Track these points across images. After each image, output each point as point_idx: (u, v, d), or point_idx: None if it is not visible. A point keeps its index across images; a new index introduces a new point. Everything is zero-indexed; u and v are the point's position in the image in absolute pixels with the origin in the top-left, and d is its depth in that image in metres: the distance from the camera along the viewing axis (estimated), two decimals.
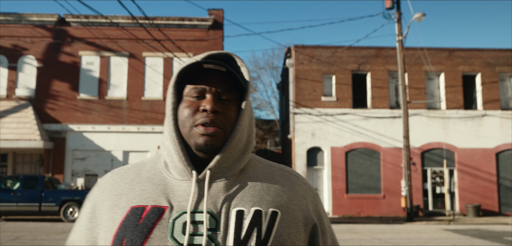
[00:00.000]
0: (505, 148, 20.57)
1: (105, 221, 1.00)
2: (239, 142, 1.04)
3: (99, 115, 20.14)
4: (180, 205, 0.97)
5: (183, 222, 0.95)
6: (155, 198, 0.99)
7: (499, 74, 21.32)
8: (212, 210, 0.97)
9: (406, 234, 12.70)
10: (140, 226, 0.94)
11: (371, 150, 20.55)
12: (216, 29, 21.14)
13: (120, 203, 1.01)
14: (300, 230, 1.01)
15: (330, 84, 21.20)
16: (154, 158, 1.12)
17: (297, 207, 1.03)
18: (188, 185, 1.00)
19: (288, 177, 1.09)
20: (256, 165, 1.10)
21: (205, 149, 1.00)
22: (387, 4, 18.76)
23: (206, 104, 1.00)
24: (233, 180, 1.02)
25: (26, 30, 20.41)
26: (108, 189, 1.05)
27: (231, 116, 1.03)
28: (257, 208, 0.98)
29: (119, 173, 1.09)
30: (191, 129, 1.01)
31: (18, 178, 15.53)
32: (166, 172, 1.04)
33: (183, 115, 1.02)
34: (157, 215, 0.95)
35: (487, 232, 13.30)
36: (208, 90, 1.02)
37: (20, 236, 10.43)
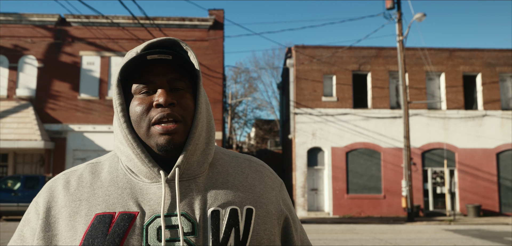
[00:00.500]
0: (506, 148, 20.57)
1: (64, 231, 0.90)
2: (202, 132, 0.97)
3: (100, 115, 20.14)
4: (152, 209, 0.90)
5: (156, 228, 0.88)
6: (122, 203, 0.91)
7: (500, 74, 21.31)
8: (187, 212, 0.91)
9: (407, 234, 12.70)
10: (110, 235, 0.86)
11: (371, 150, 20.55)
12: (217, 29, 21.15)
13: (81, 210, 0.91)
14: (274, 223, 0.99)
15: (331, 84, 21.21)
16: (112, 156, 1.03)
17: (269, 200, 1.00)
18: (157, 187, 0.93)
19: (256, 168, 1.05)
20: (223, 158, 1.05)
21: (169, 148, 0.92)
22: (388, 4, 18.76)
23: (159, 97, 0.92)
24: (203, 177, 0.97)
25: (27, 30, 20.42)
26: (62, 194, 0.95)
27: (189, 105, 0.95)
28: (233, 207, 0.93)
29: (74, 175, 0.99)
30: (149, 129, 0.92)
31: (19, 178, 15.54)
32: (130, 174, 0.96)
33: (136, 114, 0.94)
34: (128, 222, 0.88)
35: (488, 232, 13.29)
36: (157, 82, 0.94)
37: None
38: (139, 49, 0.97)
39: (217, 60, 20.97)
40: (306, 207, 20.16)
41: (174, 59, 0.94)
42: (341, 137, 20.51)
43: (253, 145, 43.76)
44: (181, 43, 1.00)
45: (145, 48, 0.97)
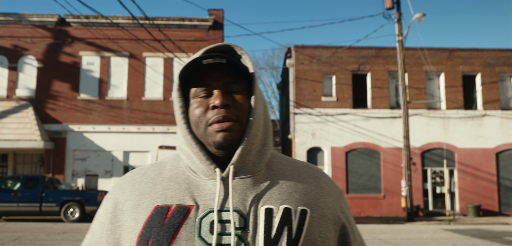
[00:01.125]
0: (505, 148, 20.59)
1: (127, 222, 0.97)
2: (258, 132, 1.01)
3: (100, 115, 20.15)
4: (206, 204, 0.95)
5: (210, 222, 0.92)
6: (179, 197, 0.96)
7: (499, 74, 21.33)
8: (240, 208, 0.94)
9: (407, 234, 12.71)
10: (165, 225, 0.92)
11: (371, 150, 20.56)
12: (216, 29, 21.15)
13: (143, 202, 0.98)
14: (330, 228, 0.99)
15: (330, 84, 21.21)
16: (174, 157, 1.09)
17: (325, 205, 1.01)
18: (213, 184, 0.97)
19: (313, 174, 1.07)
20: (280, 162, 1.07)
21: (225, 145, 0.96)
22: (387, 4, 18.77)
23: (215, 100, 0.97)
24: (259, 177, 1.00)
25: (27, 30, 20.42)
26: (128, 189, 1.02)
27: (244, 106, 1.00)
28: (286, 206, 0.95)
29: (139, 172, 1.06)
30: (206, 129, 0.98)
31: (19, 178, 15.54)
32: (189, 171, 1.02)
33: (194, 116, 1.00)
34: (183, 215, 0.93)
35: (487, 232, 13.31)
36: (214, 85, 0.99)
37: (20, 237, 10.43)
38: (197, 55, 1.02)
39: None
40: None
41: (229, 62, 0.98)
42: (341, 137, 20.52)
43: None
44: (236, 48, 1.05)
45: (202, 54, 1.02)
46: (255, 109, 1.00)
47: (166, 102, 20.45)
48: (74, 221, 14.77)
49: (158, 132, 20.16)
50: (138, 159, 20.11)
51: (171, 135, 20.10)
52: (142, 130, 20.16)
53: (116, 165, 19.87)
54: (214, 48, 1.03)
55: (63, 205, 14.96)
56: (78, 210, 14.92)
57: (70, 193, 15.38)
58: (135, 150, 20.09)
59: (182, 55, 20.43)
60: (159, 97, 20.46)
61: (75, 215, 14.89)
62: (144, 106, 20.34)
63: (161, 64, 20.72)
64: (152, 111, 20.31)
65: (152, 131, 20.16)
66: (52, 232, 11.52)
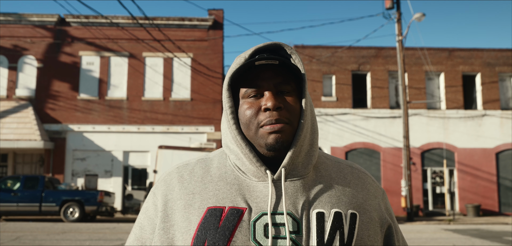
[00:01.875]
0: (505, 148, 20.58)
1: (180, 222, 0.96)
2: (307, 133, 1.00)
3: (99, 115, 20.15)
4: (258, 206, 0.94)
5: (263, 225, 0.92)
6: (232, 198, 0.96)
7: (499, 74, 21.33)
8: (292, 211, 0.94)
9: (406, 234, 12.71)
10: (221, 228, 0.91)
11: (371, 150, 20.57)
12: (216, 29, 21.15)
13: (194, 203, 0.97)
14: (377, 231, 1.00)
15: (330, 84, 21.22)
16: (220, 153, 1.08)
17: (372, 207, 1.02)
18: (264, 186, 0.97)
19: (358, 175, 1.07)
20: (325, 162, 1.07)
21: (276, 147, 0.95)
22: (387, 4, 18.77)
23: (267, 101, 0.96)
24: (308, 179, 0.99)
25: (26, 30, 20.42)
26: (178, 187, 1.01)
27: (295, 108, 0.99)
28: (337, 210, 0.95)
29: (186, 169, 1.05)
30: (257, 131, 0.97)
31: (19, 178, 15.54)
32: (238, 171, 1.01)
33: (245, 117, 0.99)
34: (237, 217, 0.93)
35: (487, 232, 13.30)
36: (265, 86, 0.98)
37: (20, 236, 10.43)
38: (247, 54, 1.01)
39: (217, 60, 20.98)
40: None
41: (280, 63, 0.98)
42: (341, 137, 20.52)
43: None
44: (286, 47, 1.04)
45: (252, 53, 1.01)
46: (305, 111, 1.00)
47: (165, 102, 20.46)
48: (73, 221, 14.77)
49: (158, 132, 20.16)
50: (138, 159, 20.11)
51: (171, 135, 20.10)
52: (142, 130, 20.16)
53: (116, 165, 19.88)
54: (265, 47, 1.02)
55: (63, 205, 14.96)
56: (78, 210, 14.92)
57: (70, 193, 15.38)
58: (135, 150, 20.09)
59: (182, 55, 20.44)
60: (159, 97, 20.46)
61: (74, 215, 14.89)
62: (144, 106, 20.34)
63: (161, 64, 20.72)
64: (152, 111, 20.31)
65: (152, 131, 20.16)
66: (52, 232, 11.52)
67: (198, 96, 20.54)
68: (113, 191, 18.70)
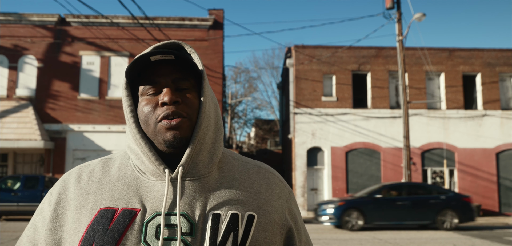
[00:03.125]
0: (505, 148, 20.58)
1: (70, 223, 0.93)
2: (208, 130, 0.99)
3: (100, 115, 20.15)
4: (154, 207, 0.92)
5: (156, 226, 0.90)
6: (126, 199, 0.93)
7: (499, 74, 21.32)
8: (188, 212, 0.91)
9: (406, 234, 12.71)
10: (110, 230, 0.88)
11: (371, 150, 20.56)
12: (217, 29, 21.16)
13: (88, 204, 0.94)
14: (276, 232, 0.98)
15: (331, 84, 21.21)
16: (124, 153, 1.05)
17: (273, 208, 1.00)
18: (162, 185, 0.94)
19: (264, 175, 1.06)
20: (231, 162, 1.05)
21: (175, 143, 0.93)
22: (387, 4, 18.76)
23: (164, 96, 0.94)
24: (208, 178, 0.97)
25: (27, 30, 20.43)
26: (73, 187, 0.98)
27: (194, 103, 0.97)
28: (234, 211, 0.94)
29: (87, 169, 1.02)
30: (156, 126, 0.95)
31: (19, 178, 15.54)
32: (138, 171, 0.98)
33: (143, 114, 0.96)
34: (128, 218, 0.90)
35: (488, 232, 13.31)
36: (163, 83, 0.96)
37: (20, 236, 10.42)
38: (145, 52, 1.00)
39: (217, 60, 20.98)
40: (306, 207, 20.17)
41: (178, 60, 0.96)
42: (341, 137, 20.52)
43: (253, 145, 43.75)
44: (185, 46, 1.03)
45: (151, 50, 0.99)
46: (205, 107, 0.98)
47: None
48: None
49: None
50: None
51: None
52: None
53: None
54: (162, 45, 1.01)
55: None
56: None
57: None
58: None
59: None
60: None
61: None
62: None
63: None
64: None
65: None
66: None
67: None
68: None
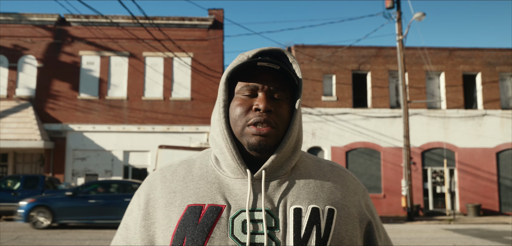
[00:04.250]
0: (506, 147, 20.56)
1: (161, 219, 0.99)
2: (292, 141, 1.03)
3: (100, 115, 20.15)
4: (237, 204, 0.97)
5: (241, 221, 0.95)
6: (211, 196, 0.98)
7: (500, 73, 21.30)
8: (270, 208, 0.96)
9: (407, 233, 12.70)
10: (200, 225, 0.94)
11: (371, 150, 20.55)
12: (217, 29, 21.14)
13: (175, 201, 1.00)
14: (356, 226, 1.01)
15: (331, 83, 21.20)
16: (203, 154, 1.11)
17: (351, 203, 1.03)
18: (243, 184, 0.99)
19: (338, 172, 1.09)
20: (305, 161, 1.09)
21: (258, 149, 0.98)
22: (387, 4, 18.74)
23: (259, 102, 0.98)
24: (286, 178, 1.02)
25: (27, 30, 20.43)
26: (160, 187, 1.04)
27: (284, 115, 1.01)
28: (314, 205, 0.98)
29: (169, 170, 1.08)
30: (244, 128, 0.99)
31: (19, 178, 15.55)
32: (218, 169, 1.04)
33: (235, 113, 1.01)
34: (215, 214, 0.95)
35: (488, 232, 13.29)
36: (260, 88, 1.00)
37: (20, 236, 10.44)
38: (251, 54, 1.03)
39: (217, 59, 20.97)
40: None
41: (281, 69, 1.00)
42: (341, 136, 20.50)
43: None
44: (289, 55, 1.06)
45: (256, 54, 1.03)
46: (295, 120, 1.03)
47: (166, 102, 20.45)
48: None
49: (158, 132, 20.15)
50: (138, 158, 20.11)
51: (171, 134, 20.10)
52: (142, 130, 20.16)
53: (116, 165, 19.88)
54: (268, 51, 1.04)
55: None
56: None
57: None
58: (135, 149, 20.08)
59: (182, 54, 20.42)
60: (159, 97, 20.46)
61: None
62: (144, 106, 20.34)
63: (161, 64, 20.71)
64: (152, 110, 20.30)
65: (152, 130, 20.15)
66: (52, 232, 11.52)
67: (198, 96, 20.54)
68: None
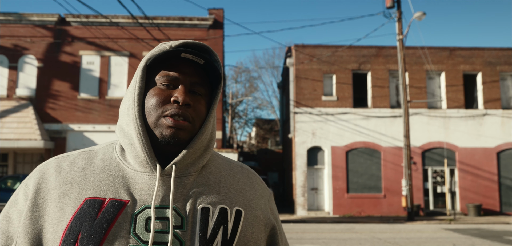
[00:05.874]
0: (506, 147, 20.52)
1: (52, 213, 0.89)
2: (205, 139, 1.01)
3: (100, 114, 20.15)
4: (142, 199, 0.91)
5: (145, 218, 0.89)
6: (114, 190, 0.91)
7: (500, 73, 21.26)
8: (177, 206, 0.92)
9: (406, 233, 12.68)
10: (98, 220, 0.86)
11: (371, 150, 20.52)
12: (217, 29, 21.13)
13: (71, 193, 0.91)
14: (261, 229, 1.00)
15: (331, 83, 21.18)
16: (106, 146, 1.04)
17: (258, 206, 1.02)
18: (150, 178, 0.94)
19: (247, 175, 1.08)
20: (216, 160, 1.07)
21: (172, 142, 0.94)
22: (388, 3, 18.72)
23: (179, 95, 0.95)
24: (196, 175, 0.98)
25: (27, 30, 20.43)
26: (54, 177, 0.94)
27: (201, 111, 0.99)
28: (222, 206, 0.95)
29: (67, 159, 0.99)
30: (159, 119, 0.95)
31: (19, 177, 15.56)
32: (123, 162, 0.97)
33: (150, 102, 0.96)
34: (117, 209, 0.88)
35: (488, 232, 13.26)
36: (181, 80, 0.97)
37: None
38: (174, 44, 0.99)
39: None
40: (306, 207, 20.14)
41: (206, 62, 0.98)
42: (341, 136, 20.48)
43: (254, 144, 43.75)
44: (211, 53, 1.03)
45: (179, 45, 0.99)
46: (211, 117, 1.01)
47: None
48: None
49: None
50: None
51: None
52: None
53: None
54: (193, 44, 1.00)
55: None
56: None
57: None
58: None
59: None
60: None
61: None
62: None
63: None
64: None
65: None
66: None
67: None
68: None
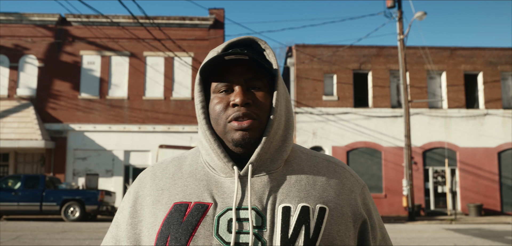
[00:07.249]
0: (507, 147, 20.49)
1: (147, 218, 0.98)
2: (278, 129, 0.99)
3: (100, 114, 20.16)
4: (224, 202, 0.94)
5: (227, 220, 0.92)
6: (198, 194, 0.96)
7: (501, 73, 21.23)
8: (257, 206, 0.93)
9: (407, 233, 12.66)
10: (184, 223, 0.92)
11: (372, 149, 20.51)
12: (217, 29, 21.13)
13: (162, 199, 0.98)
14: (349, 226, 0.96)
15: (331, 83, 21.17)
16: (195, 151, 1.09)
17: (345, 202, 0.98)
18: (231, 182, 0.97)
19: (334, 169, 1.04)
20: (300, 156, 1.05)
21: (243, 144, 0.96)
22: (388, 3, 18.70)
23: (235, 97, 0.96)
24: (277, 174, 0.98)
25: (27, 29, 20.44)
26: (149, 184, 1.03)
27: (264, 104, 0.98)
28: (304, 204, 0.94)
29: (160, 167, 1.06)
30: (226, 126, 0.97)
31: (19, 177, 15.56)
32: (208, 167, 1.01)
33: (214, 112, 0.99)
34: (201, 212, 0.93)
35: (489, 232, 13.24)
36: (235, 82, 0.98)
37: (20, 236, 10.43)
38: (220, 48, 1.01)
39: None
40: None
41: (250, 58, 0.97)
42: (342, 136, 20.47)
43: None
44: (259, 42, 1.03)
45: (225, 47, 1.01)
46: (277, 107, 0.99)
47: (166, 101, 20.45)
48: (74, 220, 14.78)
49: (158, 132, 20.15)
50: (139, 158, 20.10)
51: (172, 134, 20.09)
52: (142, 130, 20.15)
53: (117, 165, 19.88)
54: (236, 42, 1.02)
55: (64, 204, 14.96)
56: (79, 209, 14.92)
57: (71, 192, 15.39)
58: (135, 149, 20.08)
59: (182, 54, 20.41)
60: (160, 97, 20.46)
61: (75, 214, 14.90)
62: (145, 106, 20.33)
63: (161, 63, 20.71)
64: (153, 110, 20.30)
65: (153, 130, 20.15)
66: (52, 231, 11.52)
67: None
68: (114, 190, 18.70)
